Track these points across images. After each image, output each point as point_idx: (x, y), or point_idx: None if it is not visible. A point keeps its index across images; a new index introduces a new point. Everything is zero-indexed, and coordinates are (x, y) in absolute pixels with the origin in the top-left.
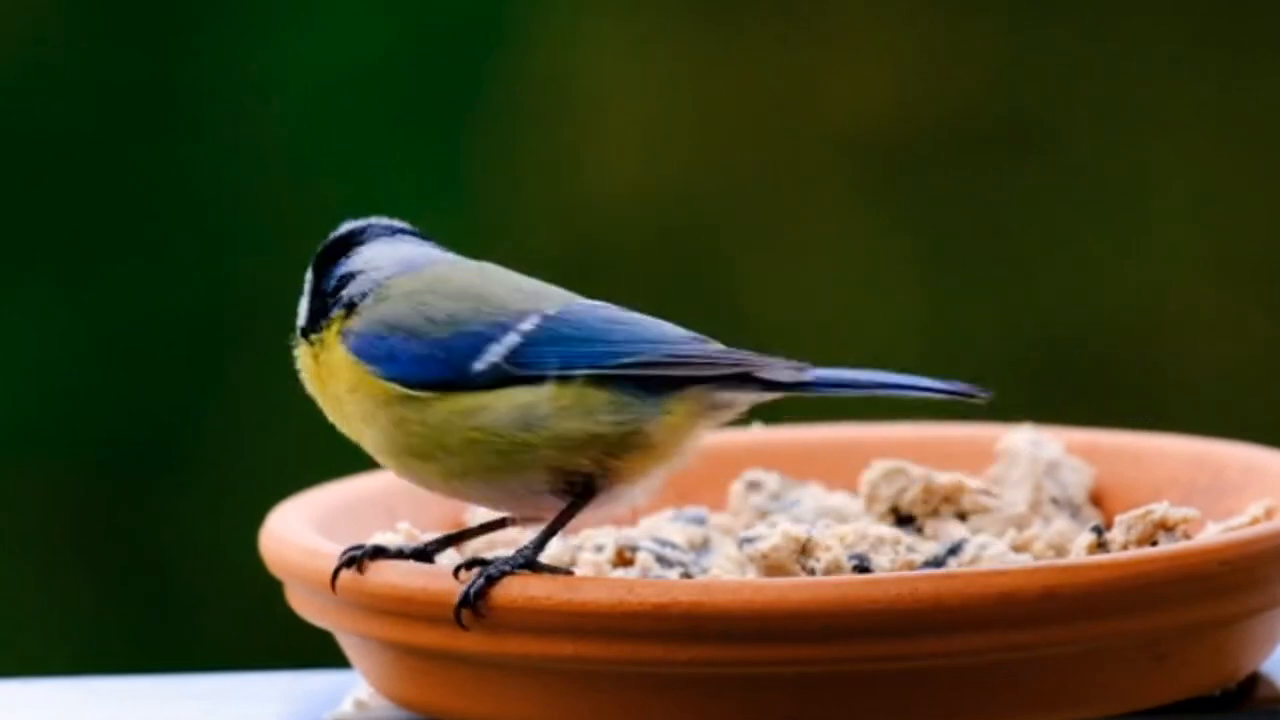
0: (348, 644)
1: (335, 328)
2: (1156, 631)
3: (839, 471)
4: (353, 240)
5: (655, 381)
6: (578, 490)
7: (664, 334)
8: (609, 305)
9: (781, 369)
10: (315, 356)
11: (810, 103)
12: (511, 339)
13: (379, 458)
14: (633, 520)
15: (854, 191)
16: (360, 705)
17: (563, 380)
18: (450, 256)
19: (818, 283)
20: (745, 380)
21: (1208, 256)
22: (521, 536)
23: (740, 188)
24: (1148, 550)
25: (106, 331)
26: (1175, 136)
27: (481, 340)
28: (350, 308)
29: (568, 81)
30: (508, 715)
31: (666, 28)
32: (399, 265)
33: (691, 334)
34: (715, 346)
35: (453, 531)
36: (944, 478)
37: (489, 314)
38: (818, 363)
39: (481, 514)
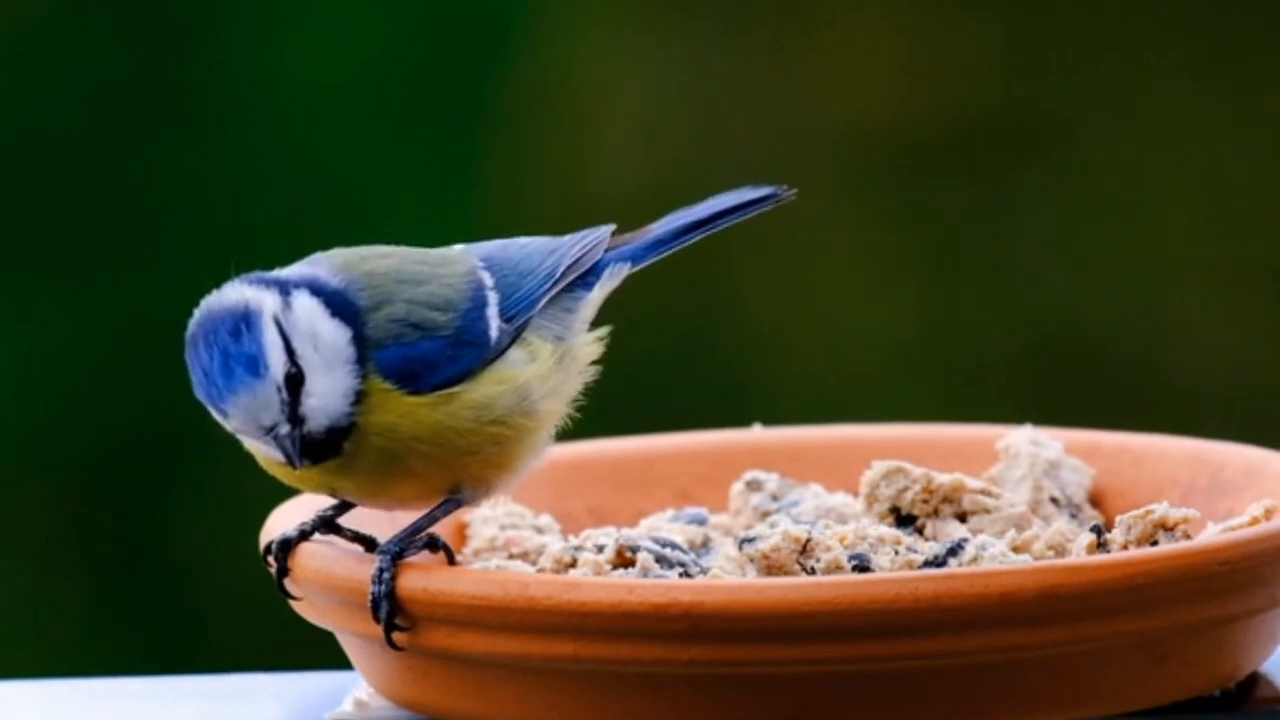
0: (348, 644)
1: (373, 380)
2: (1157, 631)
3: (839, 471)
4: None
5: (575, 287)
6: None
7: (551, 243)
8: (478, 245)
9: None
10: (361, 446)
11: (811, 102)
12: (492, 297)
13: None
14: (633, 520)
15: (854, 190)
16: (360, 705)
17: (528, 336)
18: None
19: (817, 282)
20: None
21: (1207, 256)
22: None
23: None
24: (1148, 550)
25: (107, 332)
26: (1175, 136)
27: (479, 309)
28: (367, 345)
29: (572, 82)
30: (508, 715)
31: (669, 28)
32: (336, 280)
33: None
34: (570, 238)
35: (328, 512)
36: (944, 478)
37: (458, 285)
38: (816, 363)
39: (480, 514)
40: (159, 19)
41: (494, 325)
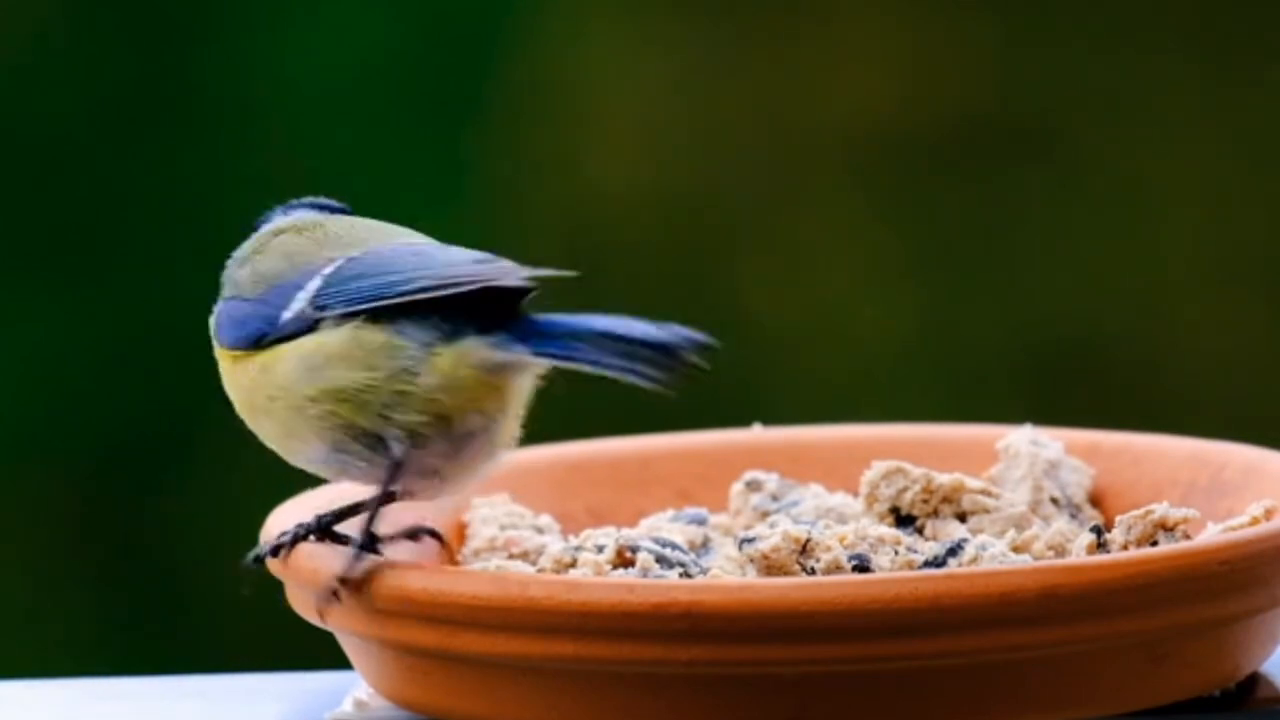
0: (348, 644)
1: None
2: (1156, 631)
3: (839, 471)
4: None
5: (433, 316)
6: (388, 458)
7: (452, 259)
8: (431, 241)
9: (516, 277)
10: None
11: (811, 103)
12: (314, 283)
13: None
14: (632, 520)
15: (854, 191)
16: (360, 705)
17: (340, 320)
18: (338, 217)
19: (817, 282)
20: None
21: (1207, 256)
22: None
23: (741, 187)
24: (1148, 550)
25: (107, 333)
26: (1174, 137)
27: (291, 289)
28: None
29: (570, 81)
30: (508, 715)
31: (668, 28)
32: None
33: (486, 254)
34: (504, 264)
35: (344, 506)
36: (944, 478)
37: (303, 264)
38: (817, 363)
39: (480, 514)
40: (160, 19)
41: (294, 307)
